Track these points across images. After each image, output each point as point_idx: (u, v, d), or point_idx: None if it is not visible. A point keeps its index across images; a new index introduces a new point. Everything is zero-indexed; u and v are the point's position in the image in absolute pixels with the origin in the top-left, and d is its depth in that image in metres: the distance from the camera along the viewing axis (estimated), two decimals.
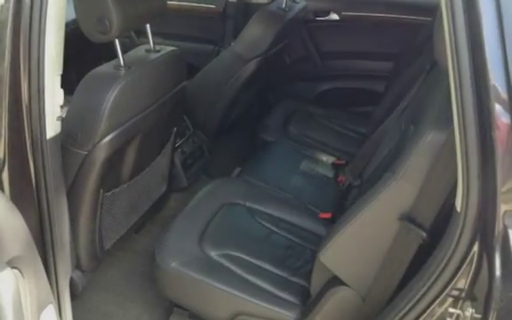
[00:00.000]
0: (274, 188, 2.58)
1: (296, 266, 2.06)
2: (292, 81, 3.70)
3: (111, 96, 1.81)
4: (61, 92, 1.60)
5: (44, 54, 1.50)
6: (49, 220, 1.67)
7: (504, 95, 1.21)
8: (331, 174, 2.77)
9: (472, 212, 1.30)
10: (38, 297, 1.46)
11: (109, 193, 2.06)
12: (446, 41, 1.27)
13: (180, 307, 2.12)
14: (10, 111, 1.50)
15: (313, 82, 3.67)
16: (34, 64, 1.50)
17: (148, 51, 2.12)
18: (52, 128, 1.59)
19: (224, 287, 1.92)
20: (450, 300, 1.40)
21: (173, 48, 2.19)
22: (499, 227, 1.25)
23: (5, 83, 1.48)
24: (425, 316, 1.45)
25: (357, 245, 1.69)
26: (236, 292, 1.91)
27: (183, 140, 2.92)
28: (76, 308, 1.88)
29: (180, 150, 2.87)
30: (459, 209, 1.33)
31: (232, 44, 2.92)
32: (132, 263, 2.51)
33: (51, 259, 1.70)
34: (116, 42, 1.89)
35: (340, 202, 2.40)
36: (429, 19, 2.74)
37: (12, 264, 1.33)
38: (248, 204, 2.32)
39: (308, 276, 1.93)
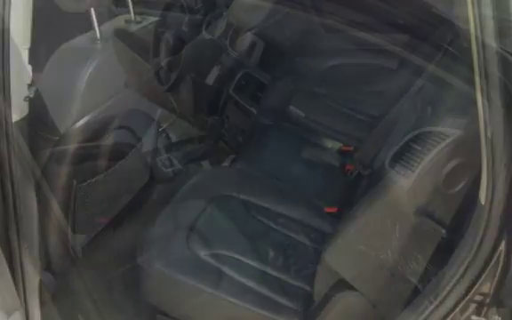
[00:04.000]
0: (272, 178, 2.58)
1: (297, 267, 2.07)
2: (292, 55, 3.69)
3: (86, 73, 1.81)
4: (29, 68, 1.60)
5: (10, 25, 1.50)
6: (15, 215, 1.67)
7: None
8: (337, 162, 2.78)
9: (498, 206, 1.31)
10: (3, 303, 1.47)
11: (84, 184, 2.06)
12: (468, 6, 1.27)
13: (164, 313, 2.12)
14: None
15: (316, 56, 3.66)
16: None
17: (128, 21, 2.12)
18: (19, 110, 1.60)
19: (215, 291, 1.93)
20: (473, 306, 1.41)
21: (157, 18, 2.19)
22: None
23: None
24: None
25: (367, 244, 1.70)
26: (229, 297, 1.92)
27: (168, 123, 2.92)
28: (45, 316, 1.89)
29: (164, 135, 2.86)
30: (483, 202, 1.33)
31: (224, 13, 2.91)
32: (110, 264, 2.51)
33: (17, 259, 1.70)
34: (92, 11, 1.89)
35: (348, 194, 2.41)
36: None
37: None
38: (242, 196, 2.32)
39: (310, 278, 1.95)
